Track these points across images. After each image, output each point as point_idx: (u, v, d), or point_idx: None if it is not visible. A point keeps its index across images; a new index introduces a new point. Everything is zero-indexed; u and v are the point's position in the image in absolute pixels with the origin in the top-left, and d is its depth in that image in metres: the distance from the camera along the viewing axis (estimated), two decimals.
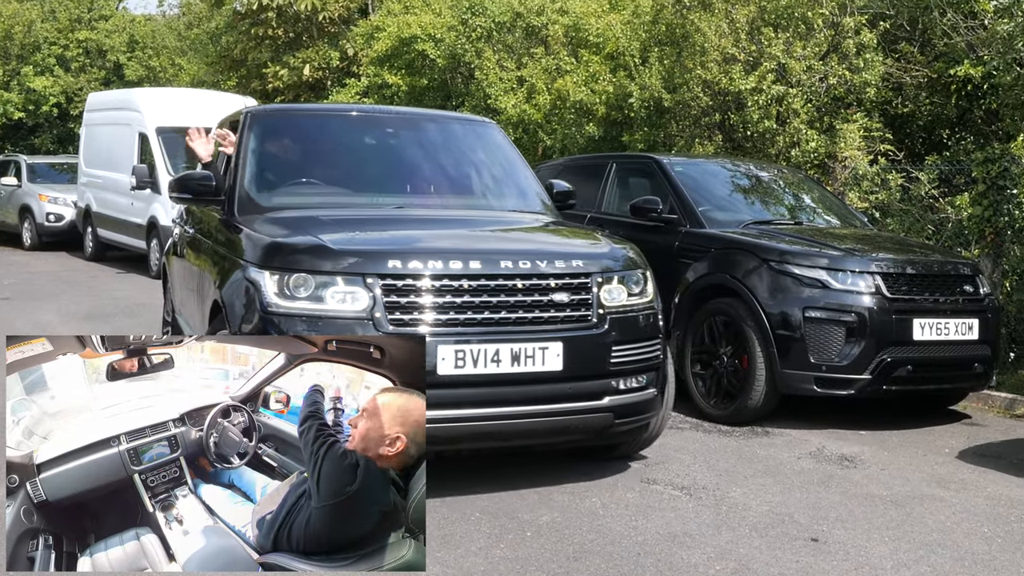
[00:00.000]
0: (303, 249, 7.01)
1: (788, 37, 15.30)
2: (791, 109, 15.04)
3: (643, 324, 7.54)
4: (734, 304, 9.87)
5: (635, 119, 16.53)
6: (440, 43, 22.75)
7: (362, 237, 7.43)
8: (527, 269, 7.05)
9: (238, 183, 8.55)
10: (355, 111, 11.61)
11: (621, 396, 7.33)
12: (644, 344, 7.50)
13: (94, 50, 44.61)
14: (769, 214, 11.45)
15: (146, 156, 22.32)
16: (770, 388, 9.57)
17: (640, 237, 10.91)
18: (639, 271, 7.66)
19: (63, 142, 43.31)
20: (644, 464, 8.21)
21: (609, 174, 12.19)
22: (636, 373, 7.41)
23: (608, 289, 7.35)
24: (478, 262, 6.97)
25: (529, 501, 7.20)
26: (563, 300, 7.11)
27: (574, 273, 7.21)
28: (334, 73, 28.79)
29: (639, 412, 7.52)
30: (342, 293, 6.76)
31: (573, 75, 18.43)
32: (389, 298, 6.75)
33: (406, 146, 9.56)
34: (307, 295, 6.79)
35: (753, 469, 8.24)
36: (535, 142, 19.21)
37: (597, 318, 7.21)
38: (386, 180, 9.13)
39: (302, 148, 9.40)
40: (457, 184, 9.33)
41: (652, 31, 17.15)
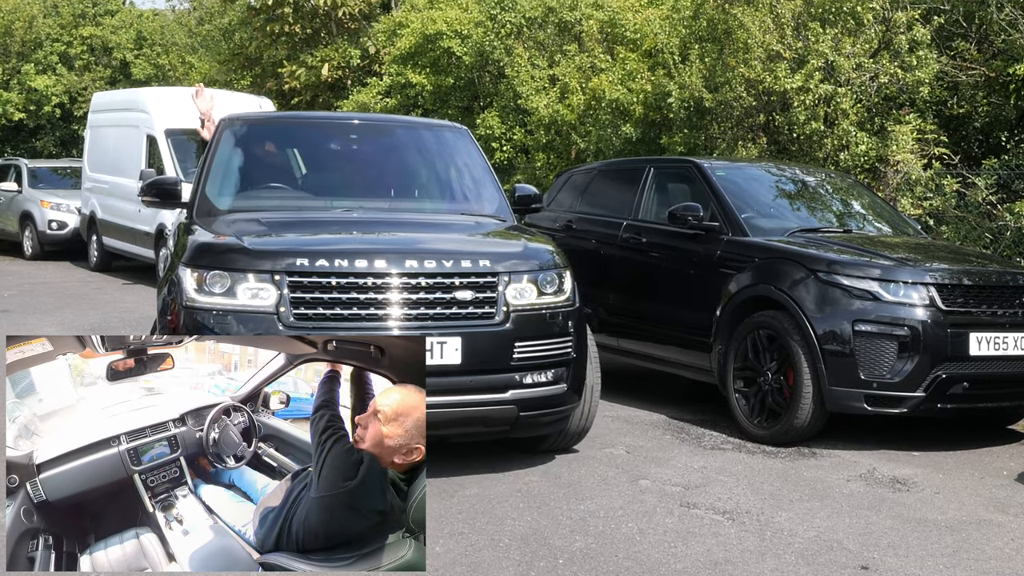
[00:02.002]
0: (222, 249, 8.09)
1: (836, 33, 15.31)
2: (839, 110, 15.06)
3: (553, 322, 8.34)
4: (779, 317, 9.87)
5: (674, 120, 16.57)
6: (467, 40, 22.81)
7: (278, 238, 8.40)
8: (432, 268, 7.93)
9: (200, 187, 9.70)
10: (325, 119, 13.47)
11: (525, 390, 8.15)
12: (552, 341, 8.31)
13: (99, 47, 44.71)
14: (816, 221, 11.48)
15: (155, 160, 22.28)
16: (817, 406, 9.57)
17: (679, 246, 11.02)
18: (554, 272, 8.46)
19: (66, 145, 43.41)
20: (684, 488, 8.26)
21: (646, 179, 12.23)
22: (542, 369, 8.25)
23: (517, 288, 8.19)
24: (383, 261, 7.87)
25: (562, 526, 7.27)
26: (467, 298, 7.98)
27: (480, 272, 8.07)
28: (354, 72, 28.77)
29: (547, 406, 8.32)
30: (253, 289, 7.73)
31: (608, 73, 18.45)
32: (295, 294, 7.70)
33: (368, 152, 10.72)
34: (222, 291, 7.76)
35: (799, 492, 8.28)
36: (568, 144, 19.26)
37: (502, 315, 8.06)
38: (343, 185, 10.26)
39: (268, 154, 10.53)
40: (411, 188, 10.48)
41: (692, 26, 17.17)
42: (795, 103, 15.04)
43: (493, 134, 21.38)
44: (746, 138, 15.74)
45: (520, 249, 8.59)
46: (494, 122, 21.46)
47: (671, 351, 11.24)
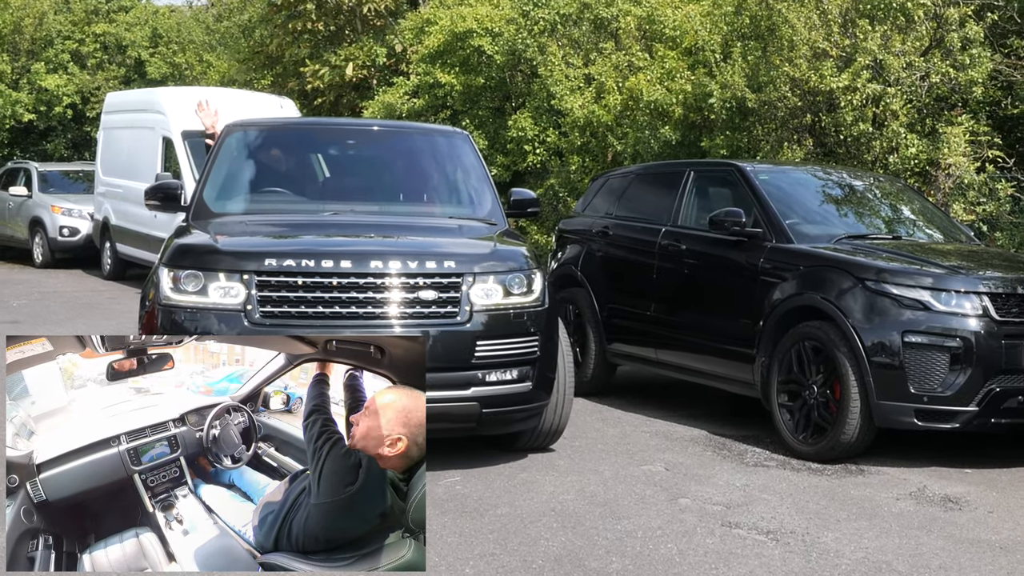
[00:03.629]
0: (197, 250, 9.00)
1: (886, 30, 15.32)
2: (889, 110, 15.06)
3: (518, 322, 9.01)
4: (825, 328, 9.89)
5: (715, 121, 16.58)
6: (498, 38, 22.79)
7: (250, 240, 9.38)
8: (396, 269, 8.68)
9: (199, 191, 10.65)
10: (324, 125, 14.69)
11: (488, 388, 8.82)
12: (517, 340, 8.97)
13: (113, 45, 44.64)
14: (864, 228, 11.49)
15: (171, 163, 22.34)
16: (865, 421, 9.59)
17: (721, 253, 11.07)
18: (522, 273, 9.12)
19: (78, 147, 43.31)
20: (726, 507, 8.31)
21: (686, 183, 12.27)
22: (506, 367, 8.91)
23: (483, 289, 8.89)
24: (349, 262, 8.64)
25: (598, 547, 7.31)
26: (430, 297, 8.70)
27: (444, 273, 8.78)
28: (380, 72, 28.77)
29: (511, 404, 9.00)
30: (224, 288, 8.53)
31: (647, 72, 18.44)
32: (263, 292, 8.50)
33: (364, 158, 11.79)
34: (196, 290, 8.59)
35: (846, 512, 8.31)
36: (604, 147, 19.25)
37: (465, 315, 8.75)
38: (337, 189, 11.33)
39: (267, 160, 11.40)
40: (404, 192, 11.38)
41: (735, 23, 17.16)
42: (842, 103, 15.05)
43: (526, 136, 21.40)
44: (791, 140, 15.75)
45: (488, 251, 9.34)
46: (527, 124, 21.46)
47: (712, 363, 11.26)
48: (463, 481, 8.79)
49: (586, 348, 12.80)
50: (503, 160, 22.23)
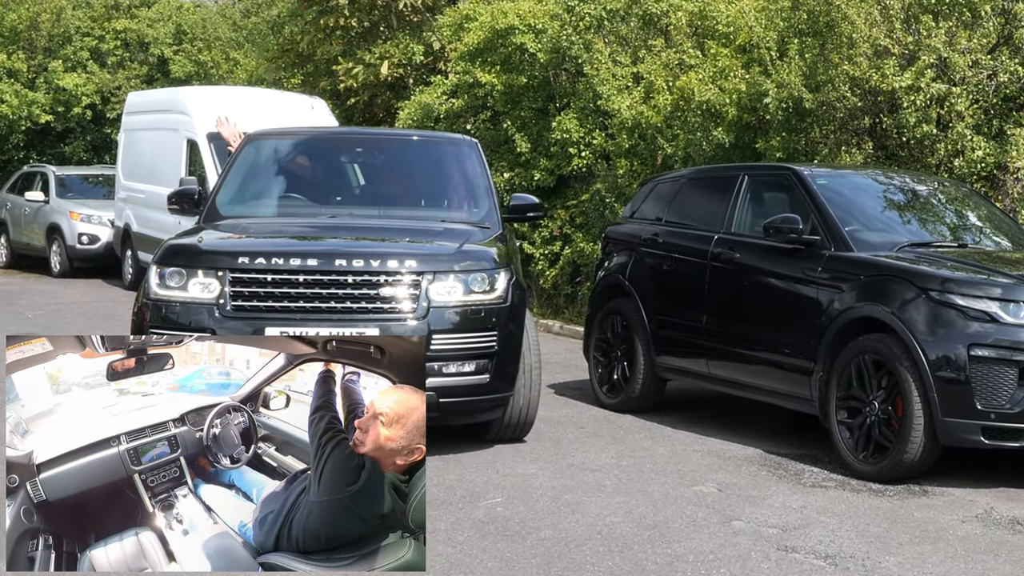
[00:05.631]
0: (182, 249, 10.51)
1: (951, 26, 15.30)
2: (954, 111, 15.05)
3: (476, 318, 10.27)
4: (887, 341, 9.92)
5: (771, 123, 16.57)
6: (541, 35, 22.75)
7: (230, 240, 10.88)
8: (359, 267, 10.03)
9: (212, 196, 12.26)
10: (337, 134, 16.68)
11: (445, 379, 10.06)
12: (475, 335, 10.25)
13: (134, 42, 44.44)
14: (928, 235, 11.50)
15: (196, 166, 22.43)
16: (929, 439, 9.60)
17: (776, 262, 11.08)
18: (485, 273, 10.40)
19: (98, 150, 43.18)
20: (782, 530, 8.34)
21: (740, 188, 12.33)
22: (464, 359, 10.18)
23: (443, 286, 10.17)
24: (315, 260, 10.07)
25: (647, 572, 7.36)
26: (390, 294, 10.03)
27: (405, 272, 10.10)
28: (417, 70, 28.71)
29: (469, 394, 10.30)
30: (202, 284, 10.04)
31: (698, 71, 18.42)
32: (235, 288, 9.96)
33: (372, 165, 13.43)
34: (178, 285, 10.10)
35: (909, 535, 8.33)
36: (653, 150, 19.23)
37: (422, 311, 10.03)
38: (341, 194, 12.88)
39: (280, 167, 12.98)
40: (403, 197, 12.72)
41: (791, 19, 17.13)
42: (904, 104, 15.04)
43: (570, 138, 21.37)
44: (850, 143, 15.74)
45: (452, 252, 10.56)
46: (571, 125, 21.44)
47: (767, 377, 11.31)
48: (504, 503, 8.86)
49: (634, 362, 12.85)
50: (546, 164, 22.20)
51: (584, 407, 13.07)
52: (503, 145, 23.32)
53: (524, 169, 22.64)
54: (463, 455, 10.39)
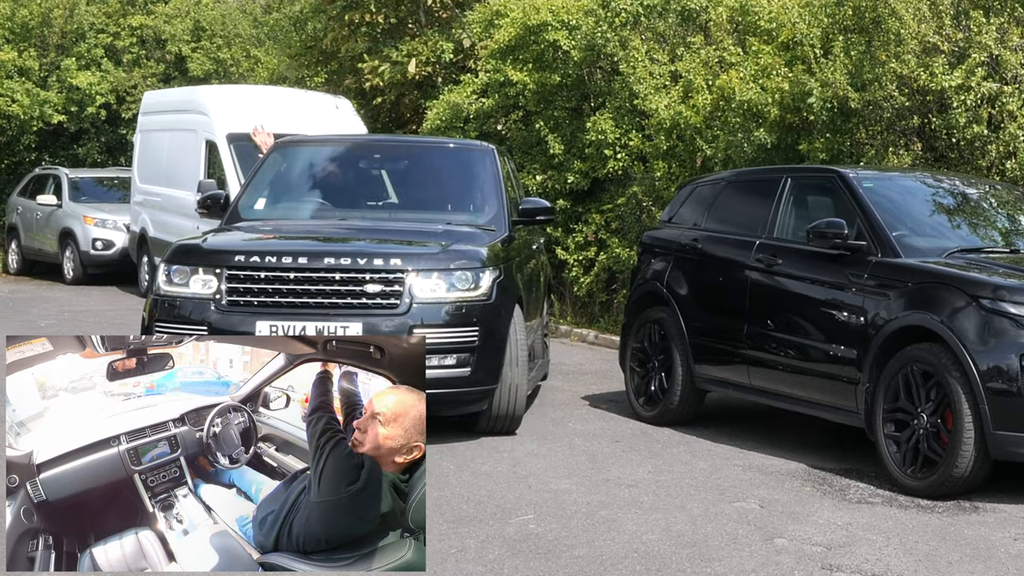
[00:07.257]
0: (188, 249, 11.79)
1: (1002, 23, 15.29)
2: (1006, 111, 15.04)
3: (458, 314, 11.27)
4: (936, 351, 9.91)
5: (815, 123, 16.57)
6: (575, 32, 22.71)
7: (230, 240, 12.06)
8: (346, 265, 11.15)
9: (236, 199, 13.75)
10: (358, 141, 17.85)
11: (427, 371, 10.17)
12: (456, 330, 11.24)
13: (151, 39, 44.21)
14: (979, 240, 11.52)
15: (215, 169, 22.41)
16: (980, 454, 9.59)
17: (821, 268, 11.07)
18: (470, 271, 11.45)
19: (113, 152, 42.93)
20: (826, 547, 8.35)
21: (783, 191, 12.33)
22: (445, 353, 11.11)
23: (427, 283, 11.22)
24: (306, 259, 11.22)
25: None
26: (374, 290, 11.10)
27: (389, 269, 11.18)
28: (445, 68, 28.62)
29: (451, 386, 11.21)
30: (202, 280, 11.27)
31: (739, 69, 18.41)
32: (231, 284, 11.16)
33: (388, 171, 14.55)
34: (182, 282, 11.34)
35: (959, 553, 8.34)
36: (692, 151, 19.22)
37: (405, 306, 11.09)
38: (356, 198, 14.12)
39: (302, 173, 14.46)
40: (414, 201, 14.03)
41: (836, 15, 17.14)
42: (954, 103, 15.04)
43: (606, 139, 21.35)
44: (897, 144, 15.74)
45: (438, 251, 11.60)
46: (607, 126, 21.43)
47: (810, 389, 11.31)
48: (537, 519, 8.90)
49: (672, 372, 12.88)
50: (581, 166, 22.19)
51: (620, 420, 13.10)
52: (536, 147, 23.35)
53: (557, 171, 22.65)
54: (494, 470, 10.44)
